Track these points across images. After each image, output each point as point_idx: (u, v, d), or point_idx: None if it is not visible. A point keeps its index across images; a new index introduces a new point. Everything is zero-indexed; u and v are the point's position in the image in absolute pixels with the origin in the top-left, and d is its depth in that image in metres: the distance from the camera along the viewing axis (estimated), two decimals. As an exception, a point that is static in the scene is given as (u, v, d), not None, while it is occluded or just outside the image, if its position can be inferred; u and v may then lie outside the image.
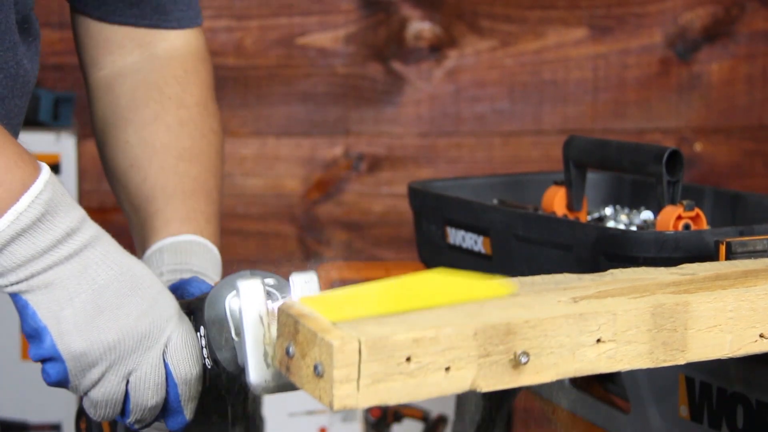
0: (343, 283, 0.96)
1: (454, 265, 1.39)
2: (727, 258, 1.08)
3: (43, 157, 0.97)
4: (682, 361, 0.91)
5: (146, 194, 1.21)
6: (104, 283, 0.95)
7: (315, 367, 0.80)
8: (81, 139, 2.30)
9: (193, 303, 1.00)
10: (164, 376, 0.98)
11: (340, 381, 0.78)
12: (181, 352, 0.98)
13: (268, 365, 0.89)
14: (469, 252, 1.35)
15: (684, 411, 1.18)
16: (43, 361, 0.97)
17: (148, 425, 1.02)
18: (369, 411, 2.32)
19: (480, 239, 1.33)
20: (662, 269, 0.99)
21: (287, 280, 0.96)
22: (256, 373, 0.90)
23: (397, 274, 2.78)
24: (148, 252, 1.19)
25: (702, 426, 1.15)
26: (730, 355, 0.93)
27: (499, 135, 2.53)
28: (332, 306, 0.80)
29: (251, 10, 2.46)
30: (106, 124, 1.26)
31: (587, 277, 0.96)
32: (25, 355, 2.20)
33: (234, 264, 1.14)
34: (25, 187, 0.93)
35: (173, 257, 1.17)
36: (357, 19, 2.48)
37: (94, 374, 0.97)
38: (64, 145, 2.18)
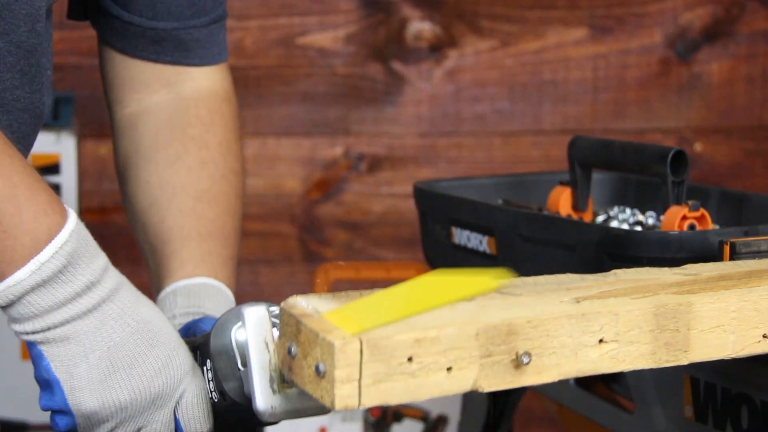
0: (342, 282, 0.96)
1: (458, 265, 1.39)
2: (731, 258, 1.08)
3: (43, 158, 0.96)
4: (684, 362, 0.91)
5: (163, 235, 1.21)
6: (120, 341, 0.95)
7: (316, 367, 0.80)
8: (81, 139, 2.29)
9: (199, 339, 1.00)
10: (174, 430, 0.99)
11: (341, 381, 0.78)
12: (192, 410, 0.99)
13: (274, 391, 0.90)
14: (474, 252, 1.35)
15: (688, 411, 1.17)
16: (53, 411, 0.97)
17: None
18: (369, 411, 2.32)
19: (485, 239, 1.33)
20: (665, 269, 0.99)
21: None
22: (262, 400, 0.90)
23: (397, 274, 2.77)
24: (162, 294, 1.18)
25: (706, 426, 1.15)
26: (733, 355, 0.93)
27: (499, 135, 2.53)
28: (352, 319, 0.80)
29: (251, 10, 2.46)
30: (128, 162, 1.26)
31: (590, 278, 0.96)
32: (25, 355, 2.20)
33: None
34: (50, 237, 0.92)
35: (186, 300, 1.17)
36: (357, 19, 2.48)
37: (104, 429, 0.97)
38: (64, 145, 2.17)
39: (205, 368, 0.98)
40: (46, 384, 0.96)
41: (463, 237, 1.37)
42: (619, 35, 2.53)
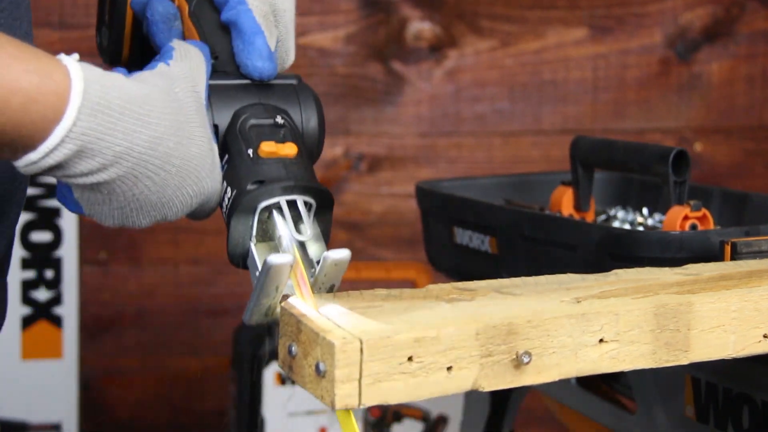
0: (342, 282, 0.96)
1: (460, 265, 1.39)
2: (733, 258, 1.08)
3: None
4: (685, 362, 0.91)
5: None
6: (149, 193, 0.91)
7: (317, 367, 0.79)
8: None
9: (235, 155, 0.98)
10: None
11: (341, 380, 0.78)
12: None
13: (266, 315, 0.90)
14: (476, 251, 1.35)
15: (690, 411, 1.17)
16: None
17: None
18: (369, 411, 2.31)
19: (486, 239, 1.33)
20: (666, 269, 0.99)
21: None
22: (253, 318, 0.90)
23: (397, 274, 2.75)
24: None
25: (708, 426, 1.15)
26: (734, 355, 0.93)
27: (499, 135, 2.53)
28: None
29: (251, 10, 2.46)
30: None
31: (591, 277, 0.96)
32: (25, 355, 2.20)
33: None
34: (52, 123, 0.84)
35: None
36: (357, 19, 2.48)
37: None
38: (63, 144, 2.17)
39: (225, 186, 0.96)
40: (66, 199, 0.93)
41: (465, 237, 1.37)
42: (619, 35, 2.53)
